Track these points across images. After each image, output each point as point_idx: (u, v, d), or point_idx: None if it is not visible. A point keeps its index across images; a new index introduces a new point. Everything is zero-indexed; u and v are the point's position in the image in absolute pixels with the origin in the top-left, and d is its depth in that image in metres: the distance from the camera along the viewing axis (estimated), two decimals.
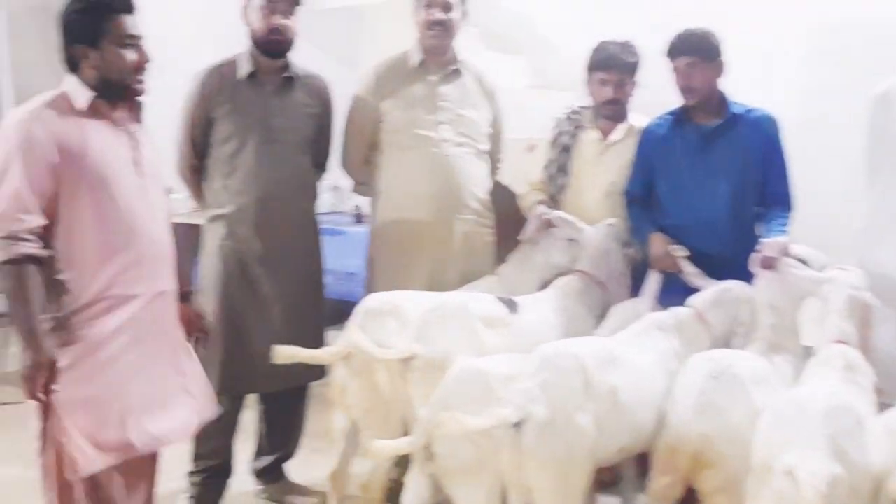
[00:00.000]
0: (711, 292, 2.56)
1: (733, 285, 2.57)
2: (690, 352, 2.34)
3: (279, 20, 2.78)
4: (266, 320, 2.87)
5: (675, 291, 2.69)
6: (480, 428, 2.02)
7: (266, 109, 2.85)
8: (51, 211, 2.12)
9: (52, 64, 2.25)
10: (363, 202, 3.72)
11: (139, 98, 2.29)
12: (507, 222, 3.19)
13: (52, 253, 2.12)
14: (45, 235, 2.12)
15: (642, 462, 2.38)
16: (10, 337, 4.17)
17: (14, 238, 2.05)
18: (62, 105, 2.17)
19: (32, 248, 2.07)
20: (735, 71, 2.86)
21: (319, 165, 3.10)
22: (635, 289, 2.86)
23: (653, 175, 2.95)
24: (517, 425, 2.02)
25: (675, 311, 2.51)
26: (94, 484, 2.20)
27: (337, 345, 2.57)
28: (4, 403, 4.15)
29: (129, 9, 2.19)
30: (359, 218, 4.46)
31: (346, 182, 3.40)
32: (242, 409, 3.04)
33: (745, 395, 2.10)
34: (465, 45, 3.15)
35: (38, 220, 2.09)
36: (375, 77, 3.05)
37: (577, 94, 3.30)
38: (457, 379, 2.21)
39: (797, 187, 2.86)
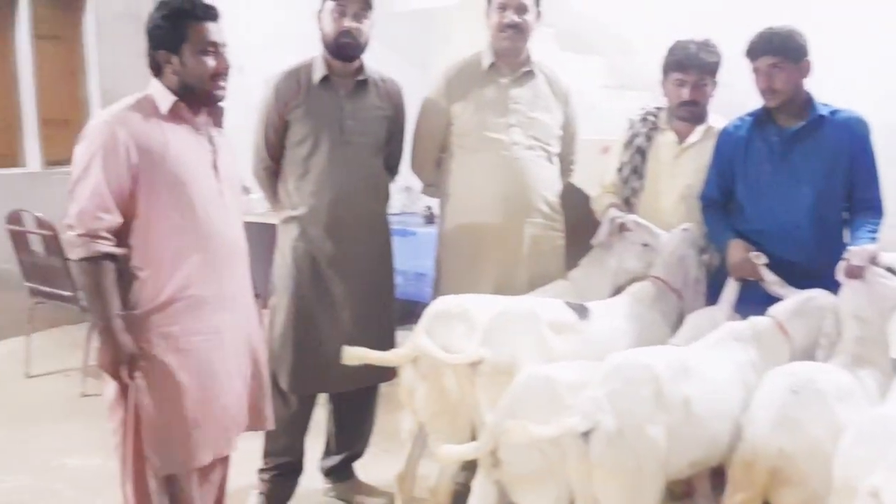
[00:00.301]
0: (793, 302, 2.46)
1: (817, 294, 2.46)
2: (769, 364, 2.25)
3: (349, 23, 2.80)
4: (336, 321, 2.89)
5: (754, 300, 2.59)
6: (547, 437, 1.99)
7: (339, 112, 2.86)
8: (129, 210, 2.18)
9: (137, 67, 2.32)
10: (434, 203, 3.72)
11: (219, 103, 2.34)
12: (579, 225, 3.14)
13: (127, 251, 2.18)
14: (122, 233, 2.18)
15: (717, 477, 2.31)
16: (94, 331, 4.33)
17: (93, 236, 2.12)
18: (146, 108, 2.23)
19: (109, 245, 2.14)
20: (821, 71, 2.75)
21: (391, 168, 3.11)
22: (712, 296, 2.78)
23: (731, 179, 2.85)
24: (585, 435, 1.98)
25: (754, 321, 2.42)
26: (168, 478, 2.26)
27: (405, 347, 2.57)
28: (88, 395, 4.32)
29: (210, 16, 2.24)
30: (430, 219, 4.48)
31: (418, 183, 3.40)
32: (314, 408, 3.07)
33: (827, 411, 2.02)
34: (538, 46, 3.10)
35: (116, 219, 2.15)
36: (446, 79, 3.03)
37: (653, 94, 3.22)
38: (524, 385, 2.18)
39: (887, 192, 2.73)
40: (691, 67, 2.90)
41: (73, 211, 2.14)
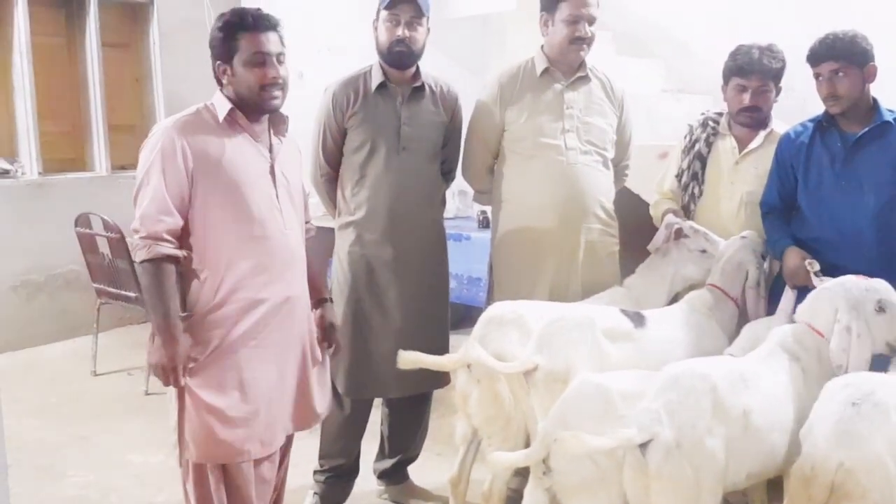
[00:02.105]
0: (808, 299, 2.38)
1: (829, 284, 2.37)
2: (816, 369, 2.22)
3: (403, 32, 2.82)
4: (391, 325, 2.92)
5: None
6: (603, 448, 1.98)
7: (395, 119, 2.89)
8: (188, 213, 2.24)
9: (198, 74, 2.38)
10: (489, 208, 3.73)
11: (281, 112, 2.38)
12: (635, 232, 3.12)
13: (188, 253, 2.24)
14: (184, 236, 2.25)
15: (774, 487, 2.27)
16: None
17: (154, 238, 2.19)
18: (206, 116, 2.30)
19: (170, 248, 2.20)
20: (888, 74, 2.68)
21: (447, 173, 3.12)
22: (773, 305, 2.73)
23: (792, 185, 2.80)
24: (642, 446, 1.96)
25: (791, 329, 2.35)
26: (227, 476, 2.31)
27: (458, 353, 2.58)
28: (151, 393, 4.44)
29: (261, 27, 2.27)
30: (484, 223, 4.49)
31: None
32: (369, 411, 3.10)
33: (888, 424, 1.96)
34: (595, 49, 3.08)
35: (176, 221, 2.22)
36: (499, 85, 3.02)
37: (713, 98, 3.18)
38: (576, 393, 2.17)
39: None
40: (753, 73, 2.85)
41: (137, 215, 2.22)
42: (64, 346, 5.45)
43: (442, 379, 2.92)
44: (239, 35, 2.26)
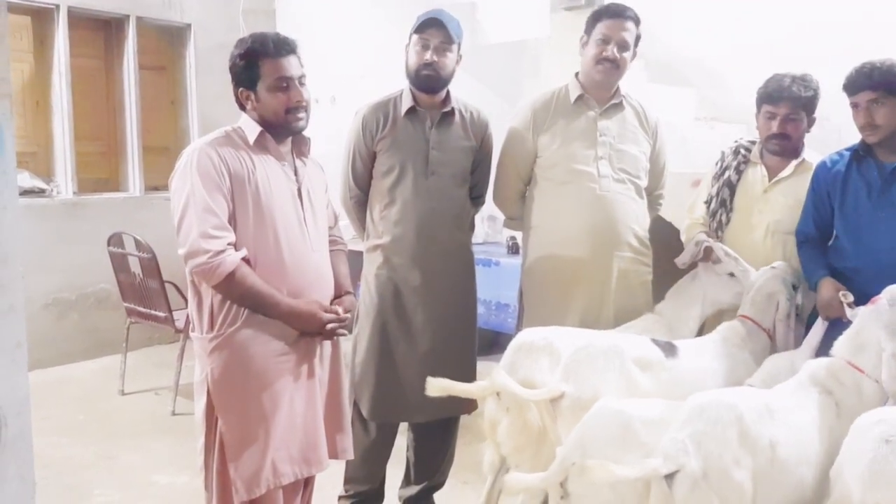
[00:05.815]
0: (847, 335, 2.30)
1: (859, 321, 2.27)
2: (858, 404, 2.15)
3: (431, 56, 2.84)
4: (417, 350, 2.91)
5: None
6: (629, 477, 1.94)
7: (424, 143, 2.90)
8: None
9: (232, 99, 2.41)
10: (519, 234, 3.72)
11: (304, 133, 2.41)
12: (669, 260, 3.08)
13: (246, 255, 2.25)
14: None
15: None
16: (187, 350, 4.45)
17: (219, 252, 2.19)
18: (236, 138, 2.33)
19: (237, 255, 2.21)
20: None
21: (476, 198, 3.12)
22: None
23: (828, 214, 2.76)
24: (668, 477, 1.92)
25: (826, 363, 2.27)
26: (253, 500, 2.29)
27: (487, 380, 2.55)
28: (178, 414, 4.45)
29: (283, 52, 2.30)
30: (514, 249, 4.47)
31: (501, 213, 3.39)
32: (395, 436, 3.08)
33: None
34: (629, 77, 3.07)
35: (232, 237, 2.23)
36: (532, 111, 3.02)
37: (747, 126, 3.16)
38: (596, 418, 2.13)
39: None
40: (782, 100, 2.85)
41: (192, 237, 2.19)
42: (93, 364, 5.50)
43: (468, 404, 2.90)
44: (261, 61, 2.28)
